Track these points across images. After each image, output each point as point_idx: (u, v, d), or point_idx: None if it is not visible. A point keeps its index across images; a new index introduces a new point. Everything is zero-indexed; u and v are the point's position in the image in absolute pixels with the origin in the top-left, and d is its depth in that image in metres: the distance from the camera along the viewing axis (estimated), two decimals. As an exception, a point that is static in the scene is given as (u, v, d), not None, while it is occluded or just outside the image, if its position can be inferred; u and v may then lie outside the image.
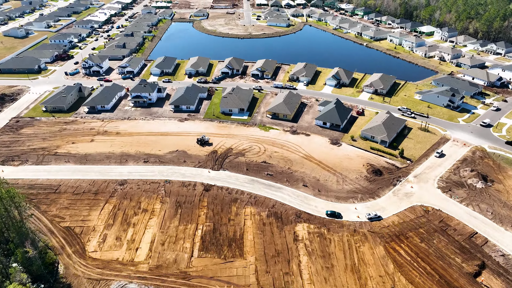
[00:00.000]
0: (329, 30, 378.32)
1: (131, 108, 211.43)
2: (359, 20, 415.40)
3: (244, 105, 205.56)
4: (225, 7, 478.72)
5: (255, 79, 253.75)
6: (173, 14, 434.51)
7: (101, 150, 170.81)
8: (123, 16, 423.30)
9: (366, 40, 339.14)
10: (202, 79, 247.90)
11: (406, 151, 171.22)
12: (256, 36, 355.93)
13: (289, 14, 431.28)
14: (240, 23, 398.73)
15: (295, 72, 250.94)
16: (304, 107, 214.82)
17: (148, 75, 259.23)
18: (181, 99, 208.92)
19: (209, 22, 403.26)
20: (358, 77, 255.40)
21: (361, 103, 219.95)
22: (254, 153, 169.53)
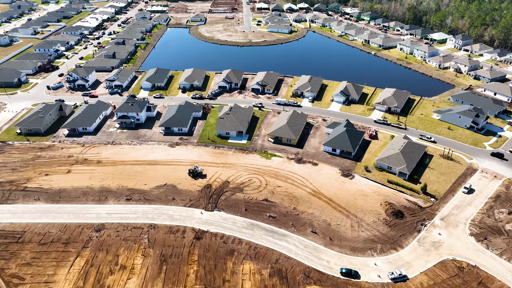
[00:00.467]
0: (334, 37, 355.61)
1: (116, 130, 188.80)
2: (365, 26, 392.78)
3: (243, 127, 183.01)
4: (224, 11, 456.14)
5: (255, 94, 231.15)
6: (169, 19, 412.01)
7: (78, 184, 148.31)
8: (116, 21, 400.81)
9: (374, 49, 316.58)
10: (197, 95, 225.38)
11: (429, 185, 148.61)
12: (256, 43, 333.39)
13: (291, 19, 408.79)
14: (240, 29, 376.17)
15: (299, 86, 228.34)
16: (310, 128, 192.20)
17: (138, 89, 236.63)
18: (172, 120, 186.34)
19: (206, 28, 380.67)
20: (368, 92, 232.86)
21: (373, 124, 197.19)
22: (254, 188, 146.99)
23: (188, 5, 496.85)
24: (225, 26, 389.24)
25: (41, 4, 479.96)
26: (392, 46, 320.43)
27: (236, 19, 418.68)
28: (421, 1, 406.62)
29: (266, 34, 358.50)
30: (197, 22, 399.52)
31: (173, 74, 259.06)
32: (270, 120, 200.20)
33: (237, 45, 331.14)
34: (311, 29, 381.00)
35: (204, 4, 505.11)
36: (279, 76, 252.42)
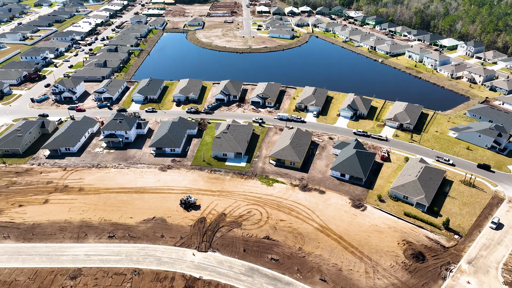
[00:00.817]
0: (338, 42, 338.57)
1: (103, 151, 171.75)
2: (370, 30, 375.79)
3: (241, 148, 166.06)
4: (223, 14, 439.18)
5: (255, 108, 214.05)
6: (165, 23, 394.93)
7: (55, 217, 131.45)
8: (110, 26, 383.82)
9: (381, 56, 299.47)
10: (192, 108, 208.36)
11: (452, 219, 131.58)
12: (256, 50, 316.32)
13: (293, 24, 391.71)
14: (239, 34, 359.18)
15: (303, 100, 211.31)
16: (316, 148, 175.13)
17: (129, 102, 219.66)
18: (164, 139, 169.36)
19: (204, 33, 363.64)
20: (377, 106, 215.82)
21: (384, 142, 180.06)
22: (254, 222, 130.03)
23: (186, 8, 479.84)
24: (224, 31, 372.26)
25: (34, 7, 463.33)
26: (400, 53, 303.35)
27: (235, 23, 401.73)
28: (428, 5, 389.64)
29: (266, 40, 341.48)
30: (194, 27, 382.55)
31: (167, 85, 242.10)
32: (272, 138, 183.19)
33: (236, 51, 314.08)
34: (314, 34, 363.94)
35: (203, 7, 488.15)
36: (281, 87, 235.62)
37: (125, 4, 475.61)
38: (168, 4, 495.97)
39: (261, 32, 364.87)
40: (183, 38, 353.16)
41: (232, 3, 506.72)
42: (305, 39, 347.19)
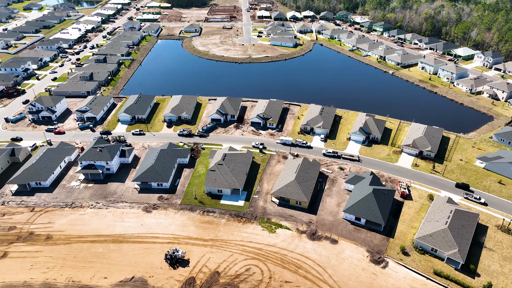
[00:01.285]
0: (345, 51, 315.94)
1: (79, 185, 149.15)
2: (378, 37, 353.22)
3: (239, 183, 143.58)
4: (222, 19, 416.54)
5: (255, 130, 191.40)
6: (160, 29, 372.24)
7: (12, 278, 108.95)
8: (102, 32, 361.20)
9: (392, 67, 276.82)
10: (184, 131, 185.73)
11: (494, 281, 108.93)
12: (257, 60, 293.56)
13: (295, 30, 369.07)
14: (238, 42, 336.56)
15: (309, 121, 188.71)
16: (325, 181, 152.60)
17: (114, 122, 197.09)
18: (150, 172, 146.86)
19: (201, 40, 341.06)
20: (391, 127, 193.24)
21: (403, 174, 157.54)
22: (253, 285, 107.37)
23: (182, 12, 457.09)
24: (222, 38, 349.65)
25: (23, 11, 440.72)
26: (412, 64, 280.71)
27: (234, 29, 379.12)
28: (439, 10, 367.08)
29: (267, 48, 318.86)
30: (191, 33, 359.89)
31: (158, 101, 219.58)
32: (274, 168, 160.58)
33: (235, 61, 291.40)
34: (318, 41, 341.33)
35: (200, 11, 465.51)
36: (284, 103, 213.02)
37: (119, 8, 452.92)
38: (164, 8, 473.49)
39: (262, 40, 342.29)
40: (178, 46, 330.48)
41: (231, 7, 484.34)
42: (308, 48, 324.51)
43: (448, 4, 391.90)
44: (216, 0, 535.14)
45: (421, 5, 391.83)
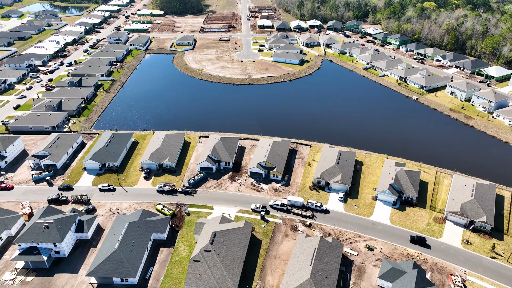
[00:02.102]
0: (358, 69, 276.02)
1: (14, 279, 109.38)
2: (393, 52, 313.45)
3: (232, 280, 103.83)
4: (219, 29, 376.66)
5: (256, 183, 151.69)
6: (149, 41, 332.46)
7: None
8: (83, 45, 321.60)
9: (415, 91, 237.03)
10: (165, 186, 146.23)
11: None
12: (257, 81, 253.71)
13: (301, 43, 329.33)
14: (236, 57, 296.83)
15: (324, 172, 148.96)
16: (349, 269, 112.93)
17: (79, 171, 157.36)
18: (112, 261, 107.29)
19: (195, 55, 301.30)
20: (427, 178, 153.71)
21: (452, 257, 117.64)
22: None
23: (176, 21, 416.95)
24: (219, 52, 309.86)
25: (0, 20, 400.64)
26: (439, 87, 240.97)
27: (232, 41, 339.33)
28: (463, 21, 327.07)
29: (270, 66, 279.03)
30: (183, 47, 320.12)
31: (137, 140, 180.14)
32: (280, 247, 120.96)
33: (232, 82, 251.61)
34: (327, 57, 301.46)
35: (196, 19, 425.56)
36: (290, 143, 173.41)
37: (106, 16, 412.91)
38: (156, 16, 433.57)
39: (263, 54, 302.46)
40: (168, 62, 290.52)
41: (230, 15, 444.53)
42: (316, 65, 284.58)
43: (471, 13, 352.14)
44: (214, 7, 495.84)
45: (440, 14, 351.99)
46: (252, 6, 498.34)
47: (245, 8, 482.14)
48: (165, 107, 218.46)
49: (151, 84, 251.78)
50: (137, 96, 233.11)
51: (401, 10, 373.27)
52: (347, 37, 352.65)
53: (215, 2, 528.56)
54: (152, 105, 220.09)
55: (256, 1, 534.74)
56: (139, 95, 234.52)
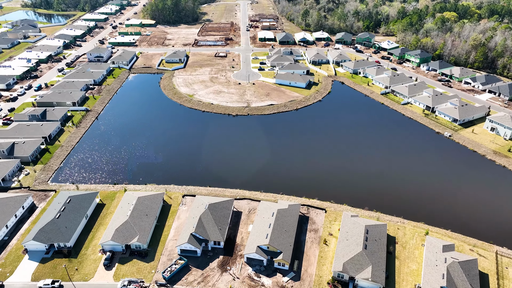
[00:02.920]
0: (375, 94, 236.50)
1: None
2: (413, 71, 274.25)
3: None
4: (215, 43, 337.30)
5: (255, 276, 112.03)
6: (135, 58, 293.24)
7: None
8: (60, 62, 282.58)
9: (446, 125, 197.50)
10: (130, 284, 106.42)
11: None
12: (257, 110, 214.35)
13: (307, 60, 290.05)
14: (234, 78, 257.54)
15: (347, 262, 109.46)
16: None
17: (18, 256, 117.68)
18: None
19: (185, 76, 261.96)
20: (486, 268, 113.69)
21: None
22: None
23: (168, 32, 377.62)
24: (214, 71, 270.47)
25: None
26: (475, 120, 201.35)
27: (230, 57, 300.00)
28: (491, 35, 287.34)
29: (272, 90, 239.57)
30: (173, 65, 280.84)
31: (103, 201, 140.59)
32: None
33: (227, 113, 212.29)
34: (337, 77, 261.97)
35: (190, 30, 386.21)
36: (300, 208, 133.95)
37: (91, 27, 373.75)
38: (147, 26, 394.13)
39: (264, 74, 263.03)
40: (155, 85, 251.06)
41: (228, 25, 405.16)
42: (326, 88, 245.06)
43: (499, 25, 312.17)
44: (210, 15, 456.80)
45: (464, 27, 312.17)
46: (252, 14, 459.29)
47: (244, 17, 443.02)
48: (144, 148, 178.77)
49: (130, 114, 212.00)
50: (112, 131, 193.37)
51: (419, 21, 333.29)
52: (359, 52, 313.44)
53: (212, 9, 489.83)
54: (128, 145, 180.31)
55: (256, 8, 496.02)
56: (115, 130, 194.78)
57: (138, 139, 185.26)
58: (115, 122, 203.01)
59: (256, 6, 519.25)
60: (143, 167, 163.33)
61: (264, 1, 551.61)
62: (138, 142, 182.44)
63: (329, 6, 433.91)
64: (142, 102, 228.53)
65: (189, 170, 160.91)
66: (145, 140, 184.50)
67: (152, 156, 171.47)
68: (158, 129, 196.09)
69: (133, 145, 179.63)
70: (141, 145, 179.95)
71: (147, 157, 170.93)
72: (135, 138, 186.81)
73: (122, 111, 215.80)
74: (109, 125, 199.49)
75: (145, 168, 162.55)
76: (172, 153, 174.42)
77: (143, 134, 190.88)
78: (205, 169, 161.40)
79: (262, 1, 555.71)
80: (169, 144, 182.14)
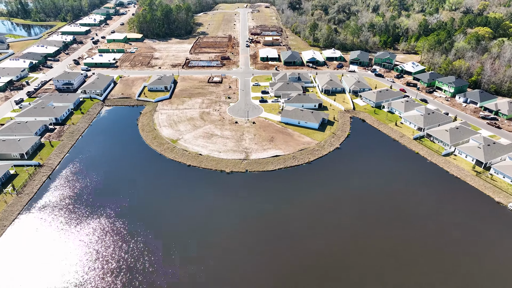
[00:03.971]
0: (405, 139, 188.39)
1: None
2: (447, 103, 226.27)
3: None
4: (209, 63, 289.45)
5: None
6: (112, 84, 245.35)
7: None
8: (21, 90, 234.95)
9: (508, 191, 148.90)
10: None
11: None
12: (258, 165, 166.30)
13: (319, 89, 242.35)
14: (229, 114, 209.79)
15: None
16: None
17: None
18: None
19: (171, 111, 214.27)
20: None
21: None
22: None
23: (156, 48, 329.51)
24: (205, 104, 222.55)
25: None
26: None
27: (226, 83, 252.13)
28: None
29: (277, 132, 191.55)
30: (158, 94, 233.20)
31: None
32: None
33: (220, 169, 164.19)
34: (356, 113, 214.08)
35: (182, 45, 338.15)
36: None
37: (67, 42, 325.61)
38: (133, 40, 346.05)
39: (267, 109, 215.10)
40: (132, 124, 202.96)
41: (225, 39, 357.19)
42: (344, 129, 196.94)
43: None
44: (206, 26, 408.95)
45: (503, 46, 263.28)
46: (253, 25, 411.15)
47: (244, 29, 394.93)
48: (110, 223, 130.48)
49: (92, 172, 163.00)
50: (66, 199, 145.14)
51: (448, 38, 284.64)
52: (378, 77, 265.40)
53: (209, 19, 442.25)
54: (82, 224, 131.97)
55: (257, 19, 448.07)
56: (69, 196, 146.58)
57: (97, 209, 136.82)
58: (70, 186, 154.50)
59: (257, 15, 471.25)
60: (92, 272, 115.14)
61: (266, 10, 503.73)
62: (95, 214, 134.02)
63: (340, 17, 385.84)
64: (112, 151, 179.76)
65: (160, 280, 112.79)
66: (108, 211, 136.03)
67: (119, 238, 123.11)
68: (126, 198, 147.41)
69: (86, 229, 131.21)
70: (99, 226, 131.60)
71: (117, 227, 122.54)
72: (99, 203, 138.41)
73: (83, 166, 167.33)
74: (63, 189, 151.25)
75: (95, 273, 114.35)
76: (139, 241, 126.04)
77: (103, 207, 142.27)
78: (184, 277, 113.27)
79: (264, 9, 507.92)
80: (136, 224, 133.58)
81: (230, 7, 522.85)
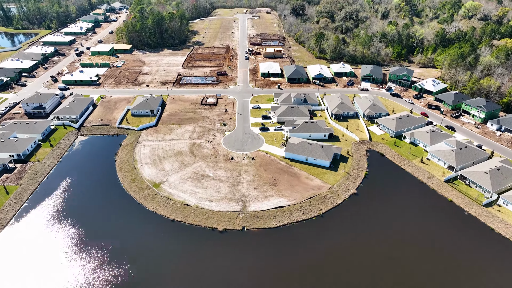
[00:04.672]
0: (435, 181, 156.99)
1: None
2: (478, 131, 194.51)
3: None
4: (203, 80, 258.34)
5: None
6: (91, 108, 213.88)
7: None
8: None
9: None
10: None
11: None
12: (258, 220, 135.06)
13: (328, 113, 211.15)
14: (224, 147, 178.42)
15: None
16: None
17: None
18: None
19: (155, 143, 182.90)
20: None
21: None
22: None
23: (146, 61, 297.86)
24: (197, 133, 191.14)
25: None
26: None
27: (221, 106, 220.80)
28: None
29: (280, 171, 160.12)
30: (142, 120, 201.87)
31: None
32: None
33: (211, 226, 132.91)
34: (373, 144, 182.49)
35: (174, 57, 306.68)
36: None
37: (47, 55, 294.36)
38: (121, 52, 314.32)
39: (269, 139, 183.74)
40: (109, 160, 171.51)
41: (222, 50, 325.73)
42: (360, 167, 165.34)
43: None
44: (202, 34, 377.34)
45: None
46: (253, 34, 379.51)
47: (243, 38, 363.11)
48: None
49: (54, 228, 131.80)
50: (12, 276, 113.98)
51: (472, 51, 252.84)
52: (395, 97, 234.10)
53: (205, 26, 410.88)
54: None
55: (258, 26, 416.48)
56: (18, 270, 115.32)
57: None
58: (26, 244, 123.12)
59: (257, 22, 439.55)
60: None
61: (267, 16, 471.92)
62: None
63: (347, 24, 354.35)
64: (81, 198, 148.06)
65: None
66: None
67: None
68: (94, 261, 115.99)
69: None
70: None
71: None
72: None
73: (43, 219, 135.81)
74: (12, 254, 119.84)
75: None
76: None
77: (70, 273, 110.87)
78: None
79: (265, 15, 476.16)
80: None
81: (228, 13, 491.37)
